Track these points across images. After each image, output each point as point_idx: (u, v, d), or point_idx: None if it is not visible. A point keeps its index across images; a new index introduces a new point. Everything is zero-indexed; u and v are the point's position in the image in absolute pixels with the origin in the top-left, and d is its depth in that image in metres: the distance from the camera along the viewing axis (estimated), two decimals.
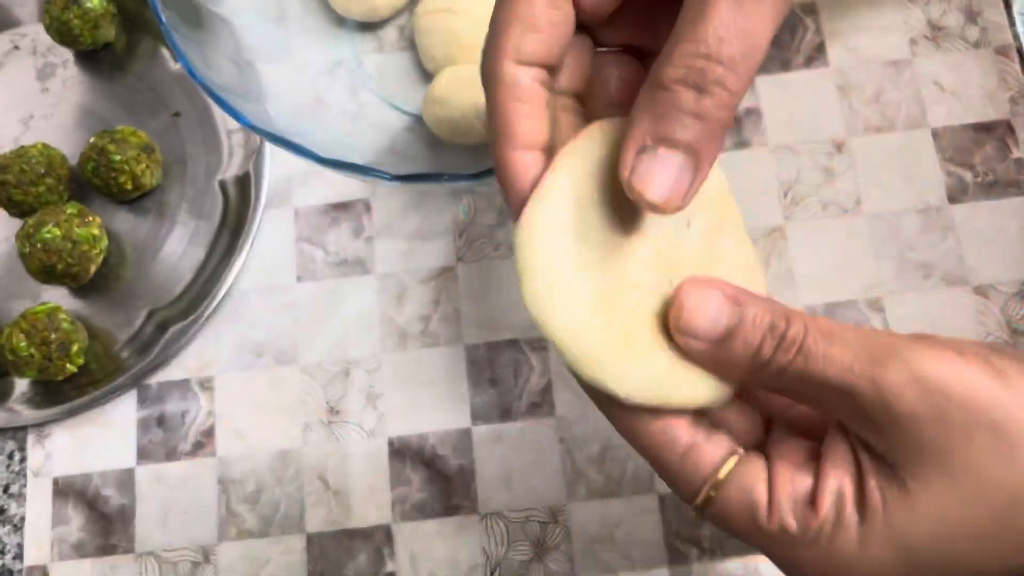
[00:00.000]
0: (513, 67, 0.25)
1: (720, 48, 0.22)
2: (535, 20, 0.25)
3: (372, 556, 0.42)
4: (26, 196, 0.45)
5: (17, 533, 0.43)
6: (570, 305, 0.23)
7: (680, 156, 0.23)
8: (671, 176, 0.23)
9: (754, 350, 0.24)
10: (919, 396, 0.22)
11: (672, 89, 0.23)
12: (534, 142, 0.25)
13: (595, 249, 0.24)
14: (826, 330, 0.23)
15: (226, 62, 0.40)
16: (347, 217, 0.47)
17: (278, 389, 0.44)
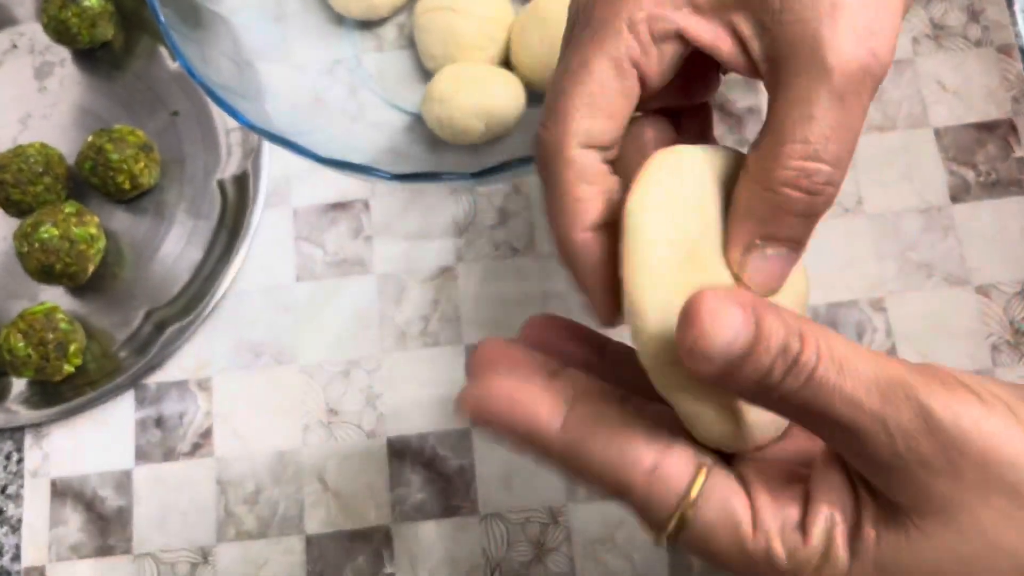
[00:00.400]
0: (581, 151, 0.25)
1: (827, 148, 0.23)
2: (605, 102, 0.25)
3: (371, 557, 0.42)
4: (24, 195, 0.45)
5: (15, 534, 0.43)
6: (668, 301, 0.23)
7: (786, 250, 0.24)
8: (778, 269, 0.24)
9: (763, 373, 0.21)
10: (933, 447, 0.20)
11: (781, 193, 0.23)
12: (600, 221, 0.25)
13: (687, 253, 0.24)
14: (839, 358, 0.21)
15: (225, 61, 0.40)
16: (346, 216, 0.46)
17: (277, 389, 0.44)
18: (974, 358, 0.42)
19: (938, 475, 0.20)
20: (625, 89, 0.25)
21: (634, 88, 0.25)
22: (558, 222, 0.25)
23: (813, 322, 0.22)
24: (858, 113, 0.23)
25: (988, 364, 0.42)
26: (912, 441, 0.20)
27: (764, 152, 0.23)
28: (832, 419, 0.21)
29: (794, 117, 0.23)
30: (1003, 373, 0.42)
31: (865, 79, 0.23)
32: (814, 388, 0.21)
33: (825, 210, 0.23)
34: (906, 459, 0.20)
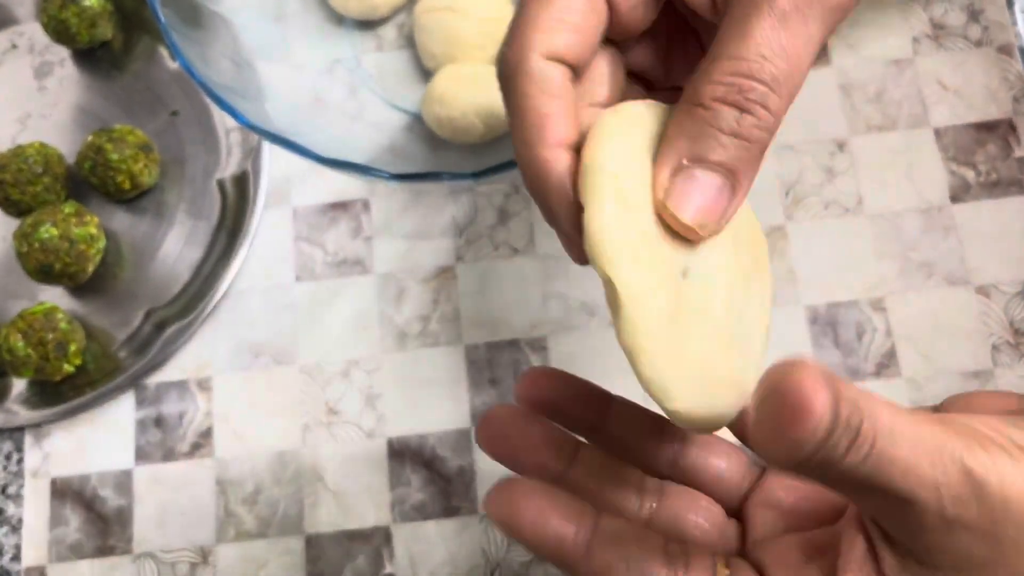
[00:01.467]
0: (542, 60, 0.23)
1: (763, 67, 0.21)
2: (570, 15, 0.23)
3: (371, 557, 0.42)
4: (23, 195, 0.45)
5: (15, 534, 0.43)
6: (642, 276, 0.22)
7: (718, 177, 0.22)
8: (708, 198, 0.22)
9: (829, 446, 0.19)
10: (979, 512, 0.20)
11: (711, 108, 0.22)
12: (567, 140, 0.23)
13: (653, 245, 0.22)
14: (888, 426, 0.20)
15: (224, 61, 0.40)
16: (346, 216, 0.46)
17: (277, 389, 0.44)
18: (974, 358, 0.42)
19: (982, 537, 0.20)
20: (590, 2, 0.24)
21: (600, 3, 0.24)
22: (521, 139, 0.23)
23: (858, 387, 0.20)
24: (803, 39, 0.22)
25: (988, 364, 0.42)
26: (961, 507, 0.20)
27: (698, 71, 0.22)
28: (884, 487, 0.20)
29: (731, 34, 0.22)
30: (1003, 373, 0.42)
31: (813, 3, 0.21)
32: (875, 460, 0.20)
33: (761, 136, 0.22)
34: (951, 523, 0.20)
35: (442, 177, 0.36)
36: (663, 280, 0.22)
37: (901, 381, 0.42)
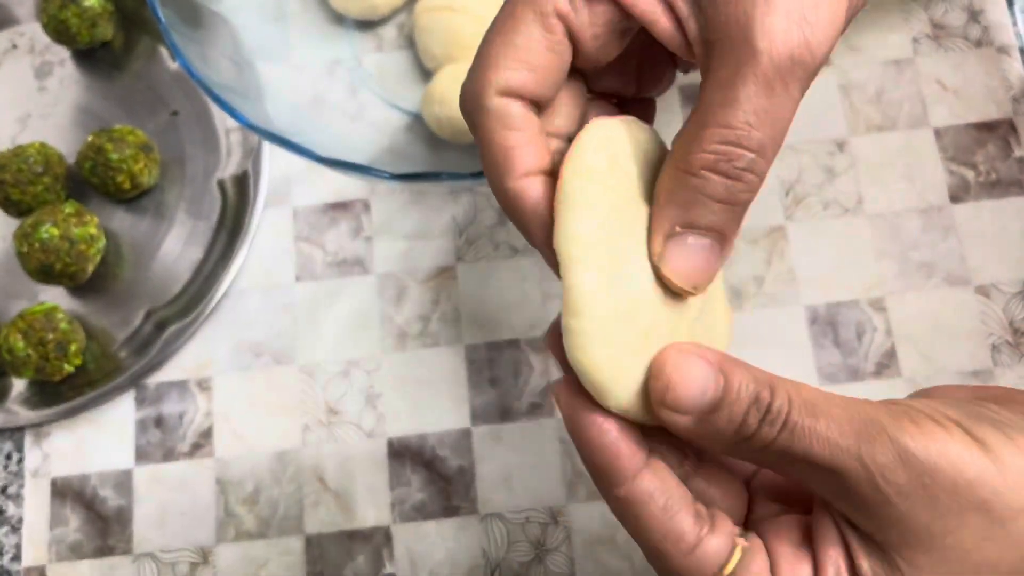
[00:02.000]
0: (499, 99, 0.24)
1: (750, 134, 0.22)
2: (528, 54, 0.24)
3: (371, 557, 0.42)
4: (24, 195, 0.45)
5: (15, 534, 0.43)
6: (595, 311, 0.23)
7: (708, 240, 0.23)
8: (700, 261, 0.23)
9: (738, 424, 0.22)
10: (908, 477, 0.21)
11: (701, 176, 0.22)
12: (536, 168, 0.24)
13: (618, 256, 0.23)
14: (811, 402, 0.22)
15: (225, 61, 0.40)
16: (346, 217, 0.46)
17: (277, 389, 0.44)
18: (974, 358, 0.42)
19: (917, 505, 0.21)
20: (551, 43, 0.24)
21: (562, 44, 0.24)
22: (490, 172, 0.25)
23: (781, 376, 0.23)
24: (786, 103, 0.22)
25: (988, 364, 0.42)
26: (888, 473, 0.21)
27: (687, 136, 0.23)
28: (812, 462, 0.22)
29: (718, 100, 0.22)
30: (1003, 373, 0.42)
31: (795, 68, 0.22)
32: (790, 433, 0.22)
33: (748, 199, 0.23)
34: (885, 492, 0.21)
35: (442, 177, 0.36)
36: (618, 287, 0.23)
37: (901, 381, 0.42)
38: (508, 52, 0.24)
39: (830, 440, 0.21)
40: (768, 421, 0.22)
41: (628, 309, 0.23)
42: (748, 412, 0.22)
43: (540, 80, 0.24)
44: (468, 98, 0.25)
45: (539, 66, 0.24)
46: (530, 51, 0.24)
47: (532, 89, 0.24)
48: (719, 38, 0.22)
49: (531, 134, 0.24)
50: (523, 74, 0.24)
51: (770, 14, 0.22)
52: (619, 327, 0.23)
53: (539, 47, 0.24)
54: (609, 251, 0.23)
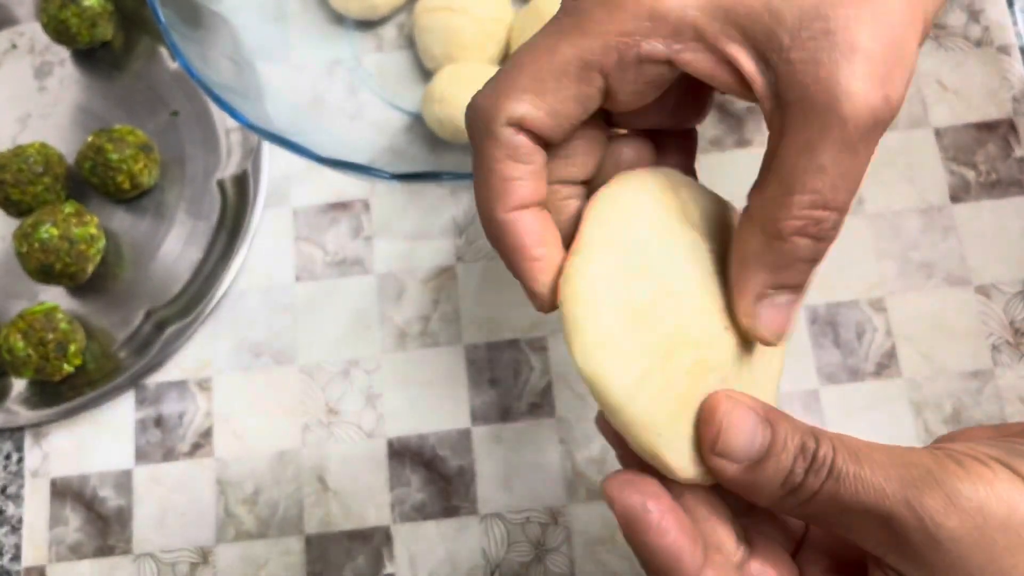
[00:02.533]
0: (508, 129, 0.23)
1: (836, 197, 0.22)
2: (554, 97, 0.23)
3: (371, 557, 0.42)
4: (24, 195, 0.45)
5: (15, 534, 0.43)
6: (625, 364, 0.22)
7: (793, 295, 0.24)
8: (791, 315, 0.24)
9: (785, 473, 0.22)
10: (959, 520, 0.21)
11: (791, 242, 0.23)
12: (529, 202, 0.24)
13: (644, 302, 0.23)
14: (854, 449, 0.22)
15: (225, 61, 0.40)
16: (346, 216, 0.46)
17: (277, 389, 0.44)
18: (974, 358, 0.42)
19: (970, 548, 0.21)
20: (581, 94, 0.23)
21: (592, 97, 0.23)
22: (482, 198, 0.24)
23: (823, 428, 0.23)
24: (867, 159, 0.22)
25: (988, 364, 0.42)
26: (939, 517, 0.21)
27: (771, 200, 0.23)
28: (860, 510, 0.21)
29: (803, 166, 0.22)
30: (1003, 373, 0.42)
31: (877, 128, 0.22)
32: (836, 481, 0.22)
33: (826, 252, 0.23)
34: (937, 538, 0.21)
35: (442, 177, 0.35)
36: (654, 348, 0.23)
37: (901, 381, 0.42)
38: (533, 86, 0.23)
39: (876, 486, 0.21)
40: (814, 470, 0.22)
41: (668, 371, 0.23)
42: (795, 461, 0.22)
43: (557, 126, 0.24)
44: (477, 116, 0.24)
45: (561, 113, 0.23)
46: (558, 95, 0.23)
47: (546, 131, 0.24)
48: (797, 98, 0.22)
49: (534, 169, 0.24)
50: (541, 114, 0.23)
51: (854, 76, 0.21)
52: (661, 389, 0.23)
53: (568, 94, 0.23)
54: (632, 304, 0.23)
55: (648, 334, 0.23)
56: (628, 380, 0.22)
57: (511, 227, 0.24)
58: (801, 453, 0.22)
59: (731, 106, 0.47)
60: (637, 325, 0.22)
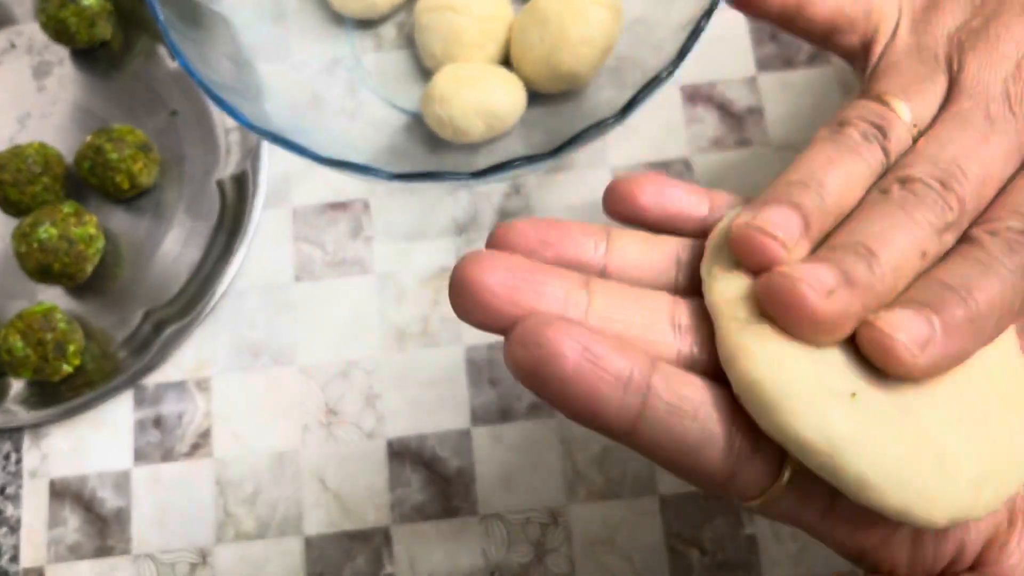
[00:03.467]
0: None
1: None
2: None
3: (371, 558, 0.42)
4: (22, 195, 0.45)
5: (13, 535, 0.43)
6: (844, 415, 0.20)
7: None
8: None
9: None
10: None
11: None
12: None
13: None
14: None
15: (224, 60, 0.40)
16: (345, 216, 0.46)
17: (276, 390, 0.44)
18: None
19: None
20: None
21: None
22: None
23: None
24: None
25: None
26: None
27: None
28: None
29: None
30: None
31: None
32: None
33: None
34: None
35: (442, 177, 0.35)
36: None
37: None
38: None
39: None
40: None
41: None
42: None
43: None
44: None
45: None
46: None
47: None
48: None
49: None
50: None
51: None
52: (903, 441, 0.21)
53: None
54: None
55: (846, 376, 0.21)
56: (856, 434, 0.20)
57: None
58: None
59: (731, 106, 0.46)
60: (833, 372, 0.21)
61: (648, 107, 0.38)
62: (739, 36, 0.47)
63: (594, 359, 0.19)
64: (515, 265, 0.21)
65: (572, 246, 0.23)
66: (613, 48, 0.44)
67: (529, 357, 0.20)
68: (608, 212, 0.25)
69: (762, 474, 0.21)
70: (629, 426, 0.20)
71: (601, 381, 0.19)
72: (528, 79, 0.44)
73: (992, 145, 0.24)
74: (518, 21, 0.45)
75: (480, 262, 0.20)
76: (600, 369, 0.19)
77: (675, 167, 0.46)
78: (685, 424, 0.20)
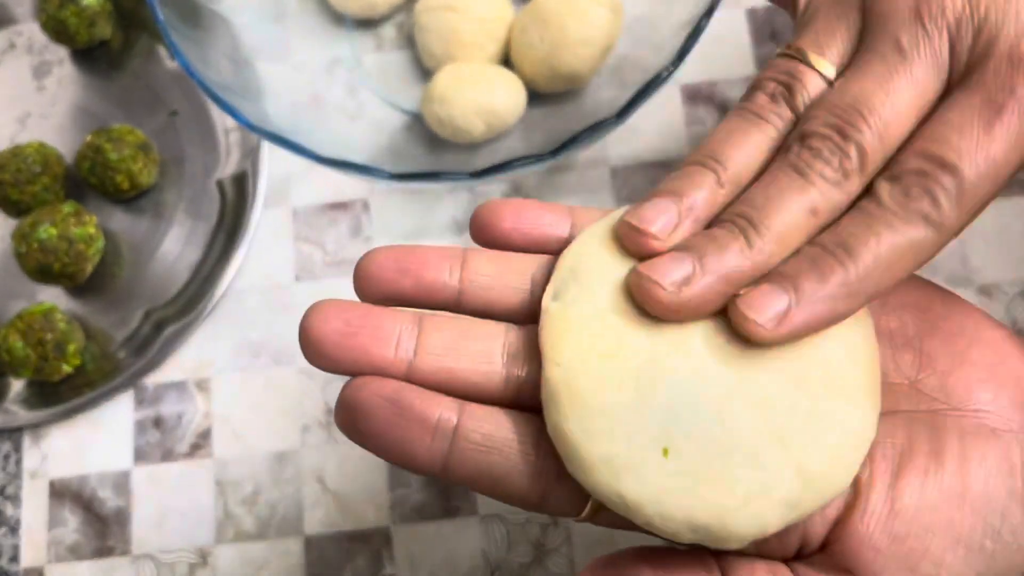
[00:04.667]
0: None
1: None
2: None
3: (371, 558, 0.42)
4: (22, 195, 0.45)
5: (13, 535, 0.43)
6: (642, 475, 0.21)
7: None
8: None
9: None
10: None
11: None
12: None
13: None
14: None
15: (224, 60, 0.40)
16: (345, 216, 0.46)
17: (276, 390, 0.44)
18: None
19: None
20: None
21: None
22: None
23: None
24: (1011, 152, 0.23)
25: None
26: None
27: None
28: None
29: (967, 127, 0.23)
30: None
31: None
32: None
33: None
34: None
35: (442, 177, 0.35)
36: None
37: None
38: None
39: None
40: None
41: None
42: None
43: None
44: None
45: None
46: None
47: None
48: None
49: None
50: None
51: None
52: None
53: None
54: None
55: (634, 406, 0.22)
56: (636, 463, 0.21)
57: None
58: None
59: (732, 106, 0.46)
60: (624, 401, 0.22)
61: (648, 107, 0.38)
62: (739, 36, 0.47)
63: (401, 412, 0.21)
64: (350, 314, 0.22)
65: (430, 271, 0.24)
66: (613, 48, 0.44)
67: (348, 418, 0.22)
68: (475, 240, 0.25)
69: (573, 494, 0.22)
70: (441, 465, 0.22)
71: (409, 430, 0.21)
72: (528, 79, 0.44)
73: (898, 80, 0.23)
74: (518, 21, 0.45)
75: (319, 314, 0.22)
76: (407, 420, 0.21)
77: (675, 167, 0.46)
78: (491, 459, 0.22)
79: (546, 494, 0.22)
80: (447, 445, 0.22)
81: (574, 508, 0.23)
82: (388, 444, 0.22)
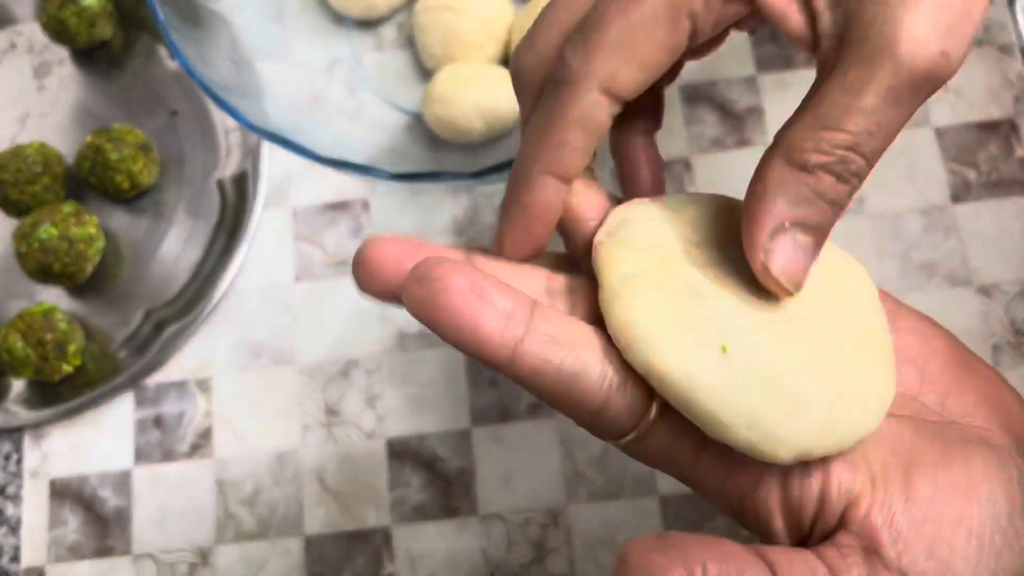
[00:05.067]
0: (596, 95, 0.23)
1: (868, 143, 0.22)
2: (645, 49, 0.23)
3: (371, 558, 0.42)
4: (22, 195, 0.45)
5: (14, 535, 0.43)
6: (707, 360, 0.21)
7: (811, 240, 0.23)
8: (805, 261, 0.23)
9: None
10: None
11: (815, 174, 0.22)
12: (570, 173, 0.24)
13: (688, 294, 0.23)
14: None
15: (224, 60, 0.40)
16: (345, 216, 0.46)
17: (276, 390, 0.44)
18: None
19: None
20: (671, 42, 0.23)
21: (680, 44, 0.23)
22: (529, 152, 0.24)
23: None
24: (907, 114, 0.22)
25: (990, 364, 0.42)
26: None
27: (803, 132, 0.22)
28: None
29: (845, 104, 0.21)
30: (1005, 373, 0.42)
31: (929, 83, 0.21)
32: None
33: (846, 203, 0.23)
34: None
35: (442, 177, 0.35)
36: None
37: None
38: (624, 39, 0.23)
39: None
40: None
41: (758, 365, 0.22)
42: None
43: (644, 80, 0.23)
44: (564, 75, 0.23)
45: (650, 65, 0.23)
46: (647, 45, 0.23)
47: (632, 90, 0.23)
48: (857, 37, 0.21)
49: (591, 142, 0.24)
50: (632, 71, 0.23)
51: (917, 21, 0.21)
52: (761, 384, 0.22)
53: (658, 44, 0.23)
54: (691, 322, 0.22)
55: (703, 316, 0.22)
56: (702, 367, 0.22)
57: (542, 192, 0.24)
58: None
59: (732, 106, 0.46)
60: (691, 312, 0.22)
61: None
62: (739, 36, 0.47)
63: (480, 293, 0.21)
64: (405, 246, 0.23)
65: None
66: None
67: (422, 290, 0.21)
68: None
69: (632, 407, 0.22)
70: (509, 353, 0.22)
71: (485, 313, 0.21)
72: None
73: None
74: (518, 21, 0.45)
75: (375, 243, 0.23)
76: (485, 302, 0.21)
77: (675, 167, 0.46)
78: (561, 353, 0.22)
79: (607, 400, 0.22)
80: (521, 332, 0.21)
81: (631, 419, 0.22)
82: (461, 322, 0.21)
